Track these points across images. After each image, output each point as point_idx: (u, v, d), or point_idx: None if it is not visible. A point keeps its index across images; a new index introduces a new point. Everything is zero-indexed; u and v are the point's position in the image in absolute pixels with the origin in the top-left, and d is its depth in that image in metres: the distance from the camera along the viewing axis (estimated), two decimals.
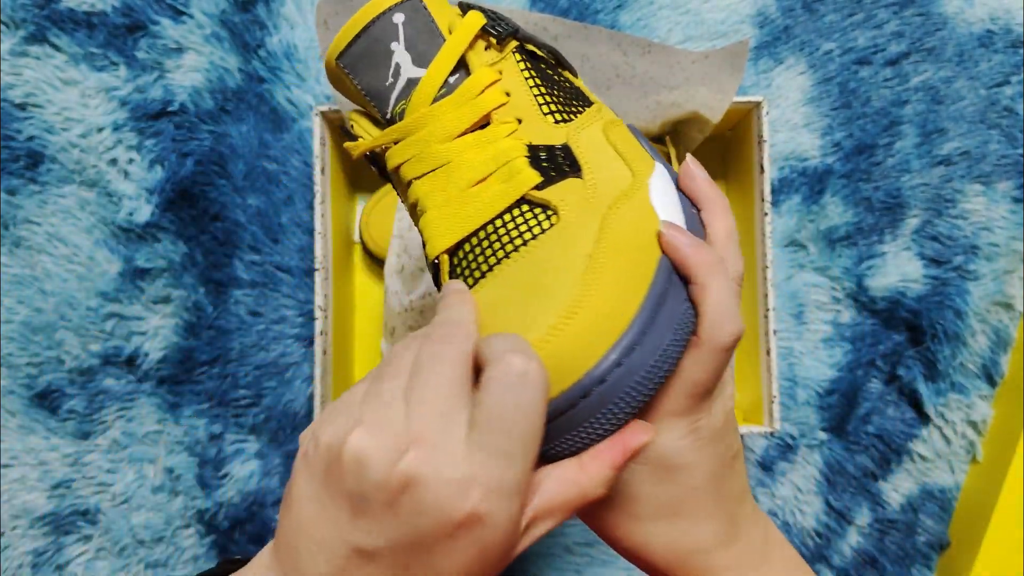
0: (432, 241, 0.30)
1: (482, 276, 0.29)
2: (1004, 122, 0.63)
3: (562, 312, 0.25)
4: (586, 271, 0.25)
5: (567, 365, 0.24)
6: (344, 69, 0.31)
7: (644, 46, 0.49)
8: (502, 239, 0.29)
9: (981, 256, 0.62)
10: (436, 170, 0.30)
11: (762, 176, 0.54)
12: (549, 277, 0.26)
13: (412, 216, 0.32)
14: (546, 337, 0.24)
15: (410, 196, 0.31)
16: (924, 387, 0.62)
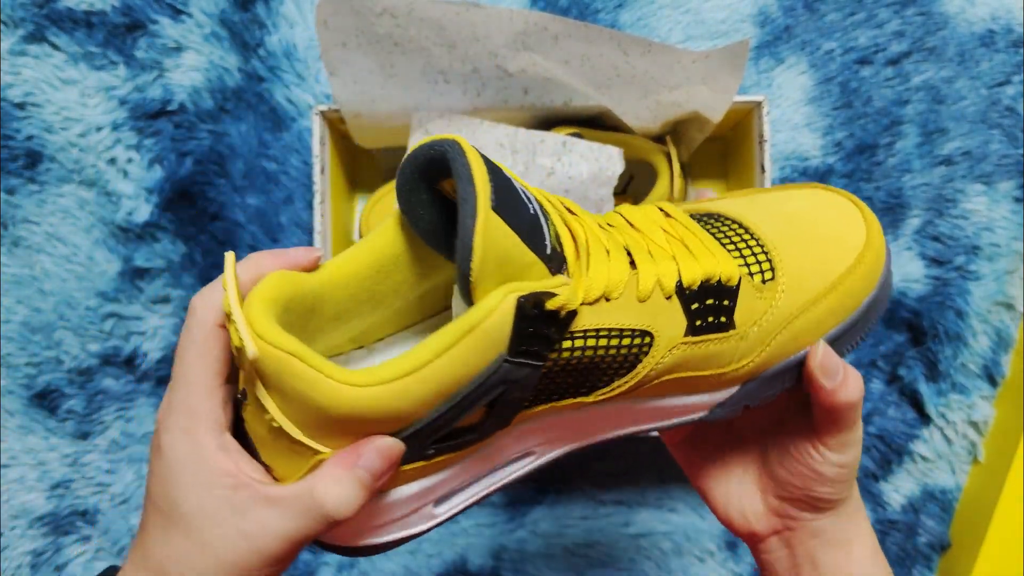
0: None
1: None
2: (1005, 122, 0.63)
3: (856, 259, 0.32)
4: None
5: (863, 285, 0.32)
6: (504, 219, 0.25)
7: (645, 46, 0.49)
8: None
9: (982, 256, 0.62)
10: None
11: (763, 176, 0.54)
12: (830, 238, 0.33)
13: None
14: (850, 272, 0.32)
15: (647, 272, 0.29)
16: (925, 387, 0.62)
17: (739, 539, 0.63)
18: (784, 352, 0.31)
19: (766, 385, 0.32)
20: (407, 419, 0.26)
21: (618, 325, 0.28)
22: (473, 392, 0.25)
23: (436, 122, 0.55)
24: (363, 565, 0.63)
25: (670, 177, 0.56)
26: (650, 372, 0.29)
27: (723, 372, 0.31)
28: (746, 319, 0.30)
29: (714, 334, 0.30)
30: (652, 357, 0.29)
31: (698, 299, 0.29)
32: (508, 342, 0.25)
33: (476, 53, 0.50)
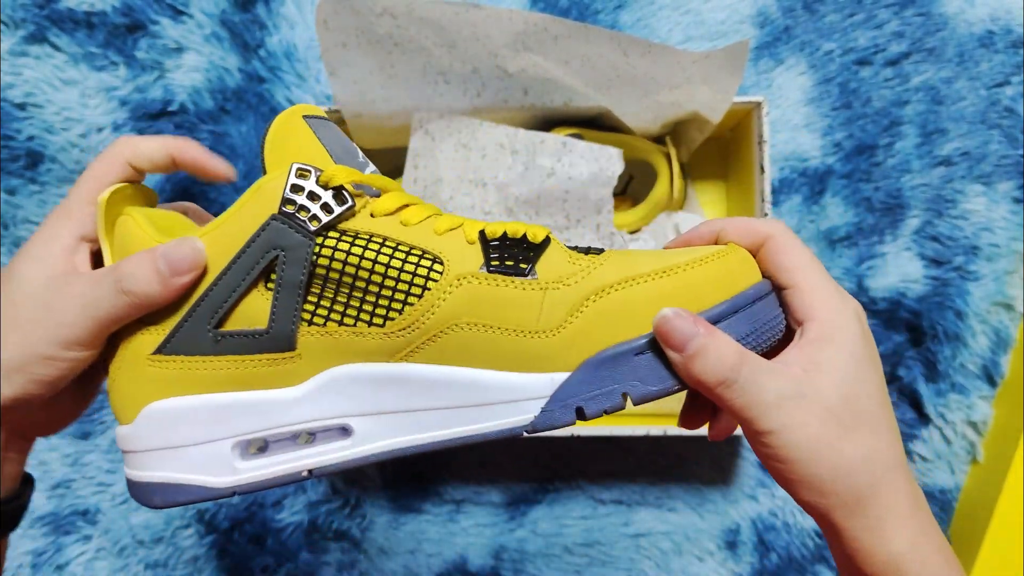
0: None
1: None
2: (1005, 122, 0.63)
3: (705, 256, 0.29)
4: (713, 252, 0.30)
5: (712, 289, 0.29)
6: (313, 131, 0.31)
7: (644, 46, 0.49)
8: None
9: (982, 256, 0.62)
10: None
11: (762, 176, 0.54)
12: (681, 253, 0.30)
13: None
14: (692, 263, 0.29)
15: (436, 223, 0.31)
16: (924, 387, 0.62)
17: (739, 539, 0.63)
18: (606, 332, 0.28)
19: (597, 380, 0.28)
20: (206, 272, 0.29)
21: (407, 241, 0.29)
22: (247, 248, 0.29)
23: (436, 122, 0.55)
24: (363, 565, 0.63)
25: (670, 177, 0.56)
26: (443, 304, 0.28)
27: (529, 337, 0.28)
28: (550, 274, 0.29)
29: (510, 276, 0.29)
30: (442, 284, 0.29)
31: (499, 245, 0.29)
32: (279, 201, 0.29)
33: (476, 53, 0.51)
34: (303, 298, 0.29)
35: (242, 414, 0.30)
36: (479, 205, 0.53)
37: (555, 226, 0.53)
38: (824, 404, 0.27)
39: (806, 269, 0.29)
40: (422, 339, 0.29)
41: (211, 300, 0.29)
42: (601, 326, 0.28)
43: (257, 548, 0.63)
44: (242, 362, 0.30)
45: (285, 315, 0.29)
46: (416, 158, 0.56)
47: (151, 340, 0.30)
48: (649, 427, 0.54)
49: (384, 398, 0.30)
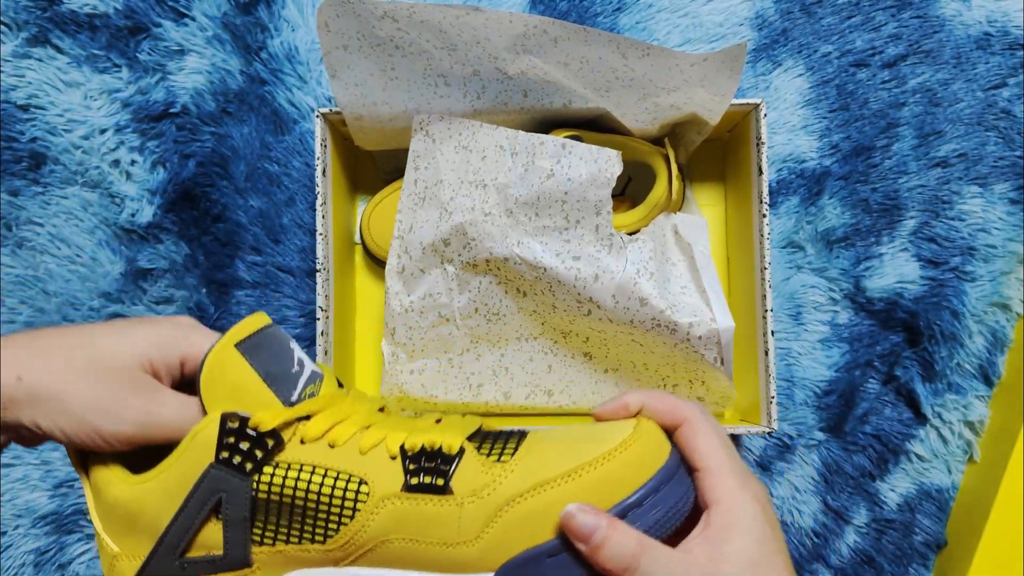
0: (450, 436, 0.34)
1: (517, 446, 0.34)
2: (1001, 124, 0.63)
3: (612, 448, 0.31)
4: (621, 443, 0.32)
5: (619, 483, 0.31)
6: (247, 359, 0.33)
7: (643, 49, 0.50)
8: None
9: (978, 257, 0.63)
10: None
11: (760, 178, 0.54)
12: (592, 438, 0.33)
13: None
14: (599, 460, 0.31)
15: (360, 441, 0.34)
16: (921, 387, 0.63)
17: None
18: (523, 537, 0.31)
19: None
20: (158, 518, 0.33)
21: (334, 466, 0.33)
22: (195, 494, 0.32)
23: (436, 124, 0.55)
24: None
25: (668, 179, 0.57)
26: (372, 524, 0.32)
27: (451, 548, 0.31)
28: (465, 488, 0.32)
29: (428, 494, 0.32)
30: (368, 506, 0.32)
31: (416, 460, 0.33)
32: (214, 450, 0.32)
33: (476, 56, 0.51)
34: (250, 527, 0.33)
35: None
36: (479, 206, 0.54)
37: (554, 227, 0.53)
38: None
39: (715, 454, 0.32)
40: (359, 551, 0.33)
41: (171, 536, 0.33)
42: (515, 533, 0.31)
43: None
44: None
45: (237, 543, 0.33)
46: (417, 160, 0.56)
47: (130, 567, 0.34)
48: None
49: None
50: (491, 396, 0.59)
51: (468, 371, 0.58)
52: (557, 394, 0.59)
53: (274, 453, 0.33)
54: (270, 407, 0.33)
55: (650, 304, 0.52)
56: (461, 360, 0.58)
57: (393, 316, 0.57)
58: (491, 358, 0.59)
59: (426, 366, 0.58)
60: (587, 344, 0.58)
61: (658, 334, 0.54)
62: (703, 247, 0.57)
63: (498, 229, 0.53)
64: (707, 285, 0.55)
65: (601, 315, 0.54)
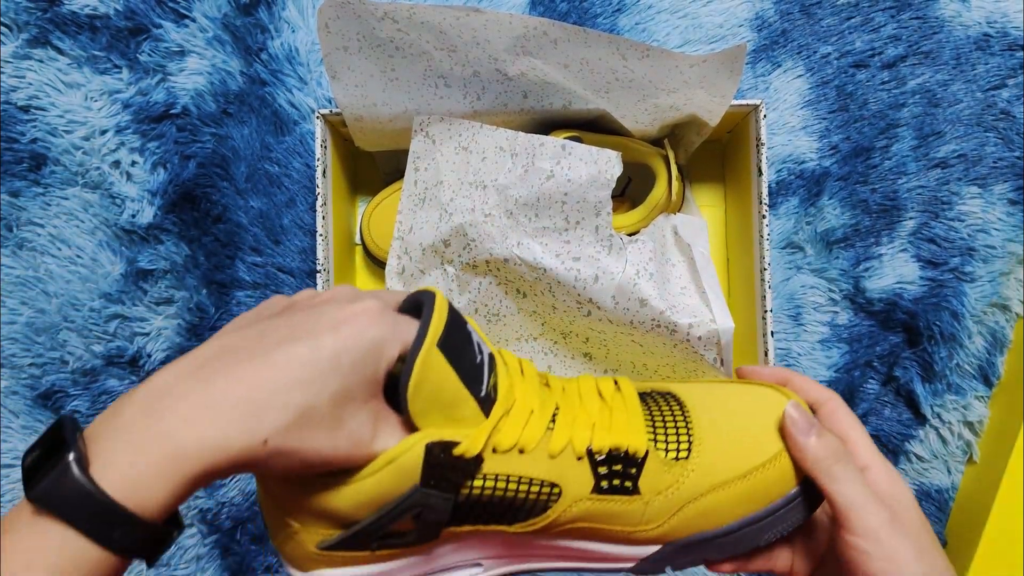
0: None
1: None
2: (1001, 125, 0.63)
3: (771, 458, 0.35)
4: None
5: (779, 485, 0.35)
6: (447, 357, 0.31)
7: (643, 50, 0.50)
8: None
9: (977, 258, 0.63)
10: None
11: (760, 179, 0.54)
12: (755, 441, 0.36)
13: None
14: (764, 466, 0.35)
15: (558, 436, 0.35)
16: (921, 388, 0.63)
17: None
18: (697, 524, 0.35)
19: (684, 552, 0.36)
20: (351, 517, 0.32)
21: (528, 475, 0.33)
22: (395, 508, 0.31)
23: (436, 125, 0.56)
24: None
25: (668, 180, 0.57)
26: (560, 518, 0.34)
27: (633, 531, 0.35)
28: (651, 488, 0.34)
29: (618, 496, 0.34)
30: (560, 505, 0.34)
31: (606, 463, 0.34)
32: (420, 476, 0.31)
33: (476, 57, 0.51)
34: (446, 524, 0.34)
35: (396, 571, 0.35)
36: (479, 207, 0.54)
37: (554, 228, 0.53)
38: (906, 526, 0.33)
39: (863, 440, 0.36)
40: (551, 531, 0.35)
41: (366, 532, 0.32)
42: (692, 522, 0.35)
43: (259, 547, 0.63)
44: (397, 552, 0.34)
45: (430, 534, 0.34)
46: (417, 160, 0.56)
47: (313, 539, 0.32)
48: None
49: (513, 549, 0.36)
50: None
51: None
52: None
53: (476, 471, 0.32)
54: (467, 409, 0.31)
55: (650, 305, 0.53)
56: None
57: None
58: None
59: None
60: (587, 345, 0.58)
61: (658, 335, 0.54)
62: (703, 248, 0.57)
63: (498, 230, 0.53)
64: (707, 286, 0.55)
65: (601, 316, 0.54)
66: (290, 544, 0.33)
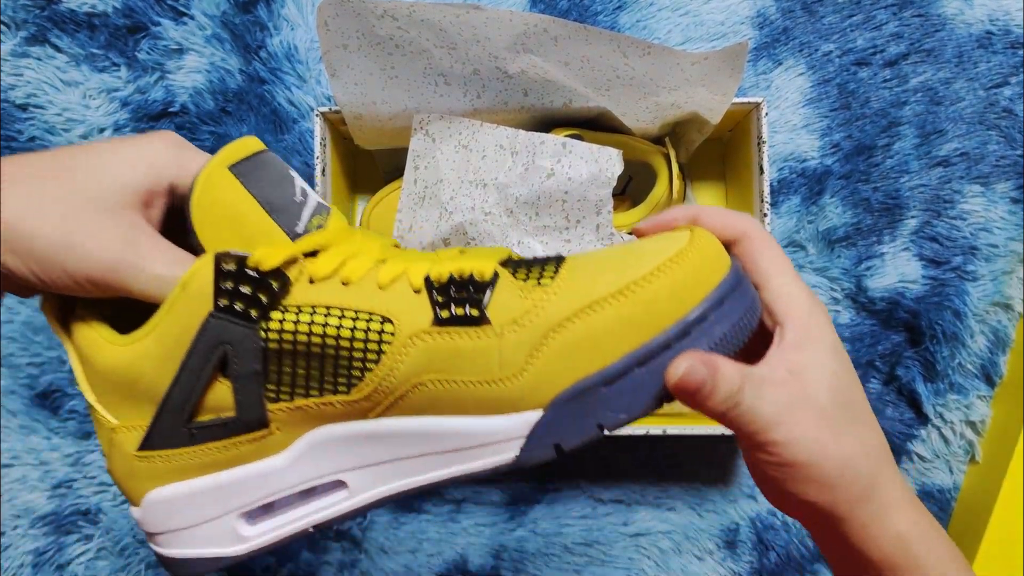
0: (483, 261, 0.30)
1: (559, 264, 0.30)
2: (1003, 123, 0.63)
3: (667, 260, 0.28)
4: (672, 256, 0.28)
5: (677, 299, 0.27)
6: (243, 184, 0.29)
7: (644, 48, 0.50)
8: None
9: (980, 257, 0.63)
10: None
11: (761, 177, 0.54)
12: (642, 253, 0.29)
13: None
14: (653, 274, 0.27)
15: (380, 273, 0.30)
16: (923, 387, 0.62)
17: (738, 538, 0.63)
18: (571, 369, 0.27)
19: (567, 418, 0.28)
20: (157, 382, 0.29)
21: (352, 306, 0.28)
22: (195, 350, 0.28)
23: (436, 124, 0.55)
24: (364, 564, 0.63)
25: (669, 178, 0.57)
26: (401, 365, 0.28)
27: (493, 385, 0.28)
28: (503, 315, 0.28)
29: (463, 328, 0.28)
30: (395, 347, 0.28)
31: (445, 291, 0.29)
32: (211, 298, 0.28)
33: (476, 55, 0.51)
34: (263, 382, 0.29)
35: (239, 489, 0.31)
36: (479, 206, 0.54)
37: (555, 227, 0.53)
38: (818, 406, 0.28)
39: (781, 272, 0.30)
40: (389, 399, 0.29)
41: (174, 400, 0.29)
42: (563, 363, 0.27)
43: None
44: (222, 446, 0.30)
45: (250, 402, 0.29)
46: (416, 159, 0.56)
47: (132, 438, 0.30)
48: (649, 427, 0.55)
49: (368, 451, 0.30)
50: None
51: None
52: None
53: (281, 295, 0.28)
54: (273, 239, 0.28)
55: None
56: None
57: None
58: None
59: None
60: None
61: None
62: None
63: (498, 229, 0.53)
64: None
65: None
66: (116, 456, 0.31)
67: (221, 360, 0.29)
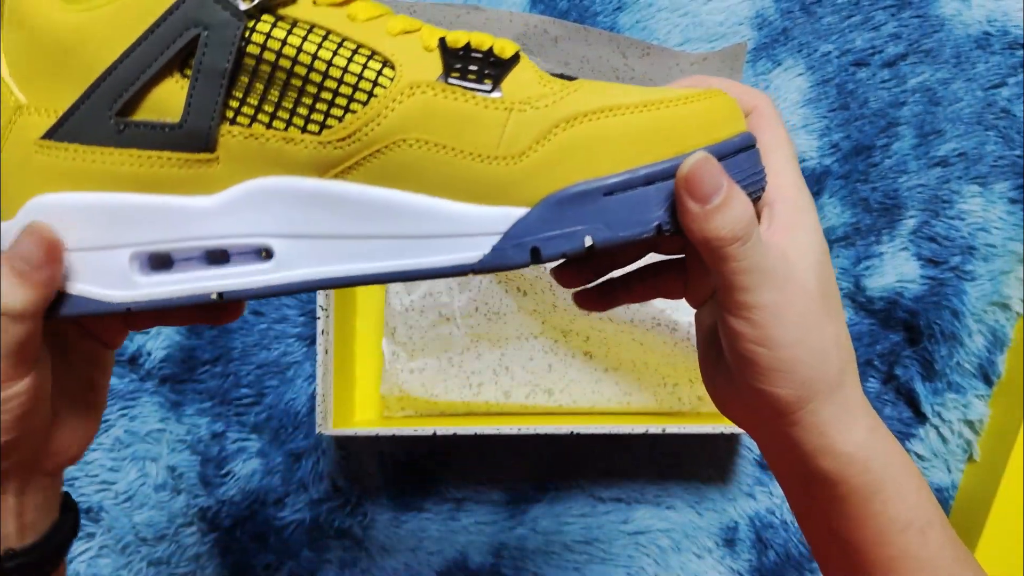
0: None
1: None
2: (1001, 123, 0.63)
3: (692, 95, 0.26)
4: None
5: (698, 129, 0.25)
6: None
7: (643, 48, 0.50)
8: None
9: (978, 256, 0.63)
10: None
11: None
12: (664, 88, 0.27)
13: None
14: (678, 100, 0.25)
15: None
16: (921, 387, 0.63)
17: (737, 536, 0.63)
18: (575, 167, 0.25)
19: (553, 220, 0.25)
20: (98, 56, 0.24)
21: (355, 38, 0.25)
22: (164, 22, 0.24)
23: None
24: (365, 563, 0.63)
25: None
26: (392, 114, 0.25)
27: (486, 162, 0.25)
28: (516, 93, 0.25)
29: (471, 91, 0.25)
30: (392, 91, 0.25)
31: (460, 55, 0.26)
32: None
33: None
34: (226, 90, 0.25)
35: (145, 220, 0.26)
36: None
37: None
38: (805, 286, 0.27)
39: (781, 148, 0.29)
40: (363, 153, 0.25)
41: (114, 81, 0.25)
42: (569, 158, 0.25)
43: (259, 546, 0.63)
44: (148, 158, 0.25)
45: (203, 108, 0.25)
46: None
47: (40, 122, 0.25)
48: (648, 425, 0.55)
49: (313, 219, 0.26)
50: (491, 395, 0.59)
51: (468, 370, 0.58)
52: (557, 393, 0.59)
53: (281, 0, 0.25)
54: None
55: (650, 303, 0.53)
56: (461, 359, 0.58)
57: (393, 315, 0.57)
58: (491, 357, 0.59)
59: (426, 365, 0.58)
60: (587, 343, 0.58)
61: (658, 333, 0.54)
62: None
63: None
64: None
65: (601, 314, 0.54)
66: (8, 146, 0.26)
67: (187, 50, 0.25)
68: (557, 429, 0.54)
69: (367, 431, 0.55)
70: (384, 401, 0.61)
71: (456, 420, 0.60)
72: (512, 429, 0.54)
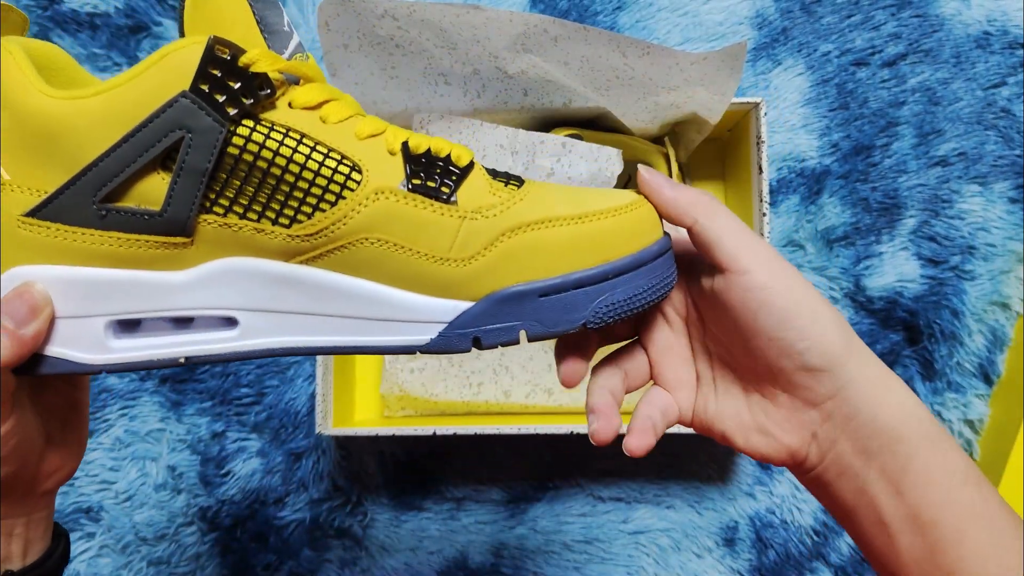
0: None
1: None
2: (1001, 123, 0.63)
3: (622, 206, 0.30)
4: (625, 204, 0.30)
5: (623, 239, 0.29)
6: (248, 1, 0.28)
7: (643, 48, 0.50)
8: None
9: (978, 256, 0.63)
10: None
11: (760, 177, 0.54)
12: (599, 194, 0.31)
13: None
14: (609, 212, 0.29)
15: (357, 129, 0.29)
16: (921, 386, 0.63)
17: (737, 536, 0.63)
18: (518, 269, 0.28)
19: (496, 314, 0.28)
20: (84, 147, 0.26)
21: (326, 142, 0.28)
22: (151, 124, 0.26)
23: (437, 123, 0.56)
24: (365, 562, 0.63)
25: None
26: (357, 216, 0.27)
27: (439, 263, 0.28)
28: (471, 202, 0.29)
29: (430, 200, 0.28)
30: (358, 195, 0.27)
31: (420, 161, 0.29)
32: (192, 77, 0.26)
33: (476, 55, 0.51)
34: (206, 186, 0.27)
35: (120, 292, 0.28)
36: None
37: None
38: (782, 259, 0.30)
39: (736, 231, 0.31)
40: (328, 247, 0.28)
41: (99, 172, 0.26)
42: (512, 263, 0.28)
43: (259, 546, 0.63)
44: (128, 240, 0.27)
45: (183, 201, 0.27)
46: None
47: (24, 200, 0.27)
48: None
49: (278, 296, 0.29)
50: (491, 394, 0.59)
51: (468, 369, 0.58)
52: (557, 392, 0.59)
53: (262, 103, 0.27)
54: (258, 51, 0.27)
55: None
56: (461, 359, 0.58)
57: None
58: (491, 356, 0.59)
59: (426, 364, 0.58)
60: None
61: None
62: None
63: None
64: None
65: None
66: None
67: (172, 149, 0.26)
68: (557, 429, 0.54)
69: (367, 431, 0.55)
70: (384, 401, 0.61)
71: (456, 420, 0.60)
72: (512, 429, 0.54)
